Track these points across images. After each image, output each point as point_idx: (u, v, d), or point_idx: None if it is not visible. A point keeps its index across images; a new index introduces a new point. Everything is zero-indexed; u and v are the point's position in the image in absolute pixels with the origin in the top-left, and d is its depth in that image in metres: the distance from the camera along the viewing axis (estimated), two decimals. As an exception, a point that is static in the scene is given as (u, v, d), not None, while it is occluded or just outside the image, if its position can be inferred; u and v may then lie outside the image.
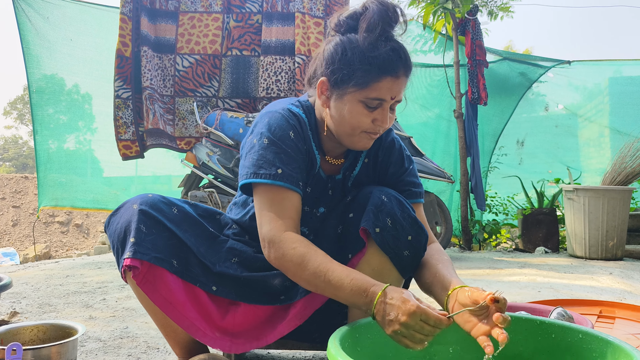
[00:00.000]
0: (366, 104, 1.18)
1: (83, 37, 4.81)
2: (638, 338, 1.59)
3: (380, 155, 1.36)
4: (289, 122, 1.24)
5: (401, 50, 1.18)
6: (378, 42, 1.17)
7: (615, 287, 2.89)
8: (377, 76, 1.15)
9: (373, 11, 1.17)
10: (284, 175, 1.18)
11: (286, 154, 1.20)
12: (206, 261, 1.25)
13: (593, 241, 4.10)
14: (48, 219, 10.41)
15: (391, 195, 1.21)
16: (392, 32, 1.19)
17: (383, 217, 1.17)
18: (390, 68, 1.15)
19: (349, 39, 1.19)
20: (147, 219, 1.20)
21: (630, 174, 4.24)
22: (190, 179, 4.08)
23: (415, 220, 1.20)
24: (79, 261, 4.12)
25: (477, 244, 5.15)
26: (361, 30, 1.18)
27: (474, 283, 2.95)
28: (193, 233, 1.26)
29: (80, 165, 5.16)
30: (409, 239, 1.18)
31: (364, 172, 1.36)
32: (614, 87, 5.92)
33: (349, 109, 1.19)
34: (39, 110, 4.87)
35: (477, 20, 4.90)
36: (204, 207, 1.36)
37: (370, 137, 1.23)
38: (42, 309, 2.33)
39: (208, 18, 4.15)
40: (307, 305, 1.27)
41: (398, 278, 1.22)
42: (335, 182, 1.35)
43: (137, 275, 1.16)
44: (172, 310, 1.19)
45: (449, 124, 5.58)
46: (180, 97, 4.13)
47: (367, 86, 1.16)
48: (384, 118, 1.19)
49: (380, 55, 1.15)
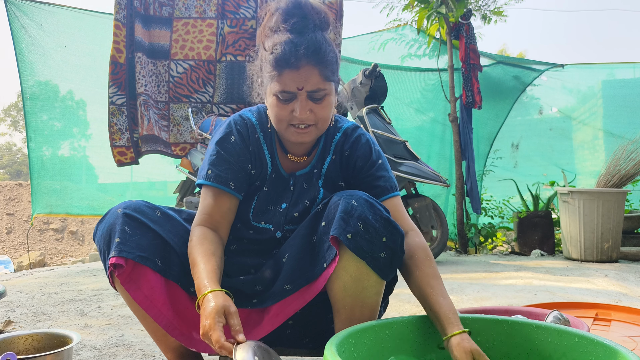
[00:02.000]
0: (278, 97, 1.24)
1: (77, 44, 4.80)
2: (634, 340, 1.59)
3: (346, 149, 1.38)
4: (234, 127, 1.35)
5: (300, 42, 1.21)
6: (278, 37, 1.23)
7: (611, 289, 2.89)
8: (279, 70, 1.22)
9: (273, 10, 1.28)
10: (211, 175, 1.30)
11: (219, 156, 1.32)
12: (185, 262, 1.27)
13: (588, 243, 4.11)
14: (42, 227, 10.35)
15: (361, 198, 1.19)
16: (295, 27, 1.23)
17: (354, 222, 1.15)
18: (287, 61, 1.20)
19: (264, 42, 1.29)
20: (131, 221, 1.24)
21: (624, 176, 4.26)
22: (186, 185, 4.07)
23: (388, 220, 1.18)
24: (74, 269, 4.09)
25: (473, 247, 5.16)
26: (269, 27, 1.27)
27: (471, 287, 2.95)
28: (176, 234, 1.30)
29: (75, 172, 5.14)
30: (383, 241, 1.16)
31: (332, 168, 1.39)
32: (607, 90, 5.96)
33: (270, 104, 1.28)
34: (33, 117, 4.85)
35: (470, 25, 4.93)
36: (187, 212, 1.41)
37: (298, 130, 1.27)
38: (36, 317, 2.31)
39: (202, 24, 4.15)
40: (280, 312, 1.27)
41: (378, 281, 1.21)
42: (296, 178, 1.38)
43: (122, 274, 1.19)
44: (152, 308, 1.22)
45: (443, 128, 5.59)
46: (174, 103, 4.12)
47: (273, 80, 1.24)
48: (298, 109, 1.23)
49: (277, 50, 1.21)
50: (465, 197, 4.99)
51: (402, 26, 5.61)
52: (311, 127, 1.27)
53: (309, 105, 1.24)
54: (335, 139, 1.39)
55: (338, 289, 1.20)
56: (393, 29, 5.61)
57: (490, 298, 2.63)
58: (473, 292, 2.78)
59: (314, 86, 1.23)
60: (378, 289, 1.23)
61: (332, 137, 1.39)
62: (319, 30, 1.26)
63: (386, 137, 3.87)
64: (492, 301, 2.55)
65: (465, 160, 4.95)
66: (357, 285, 1.19)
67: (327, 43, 1.26)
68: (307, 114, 1.24)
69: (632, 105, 5.75)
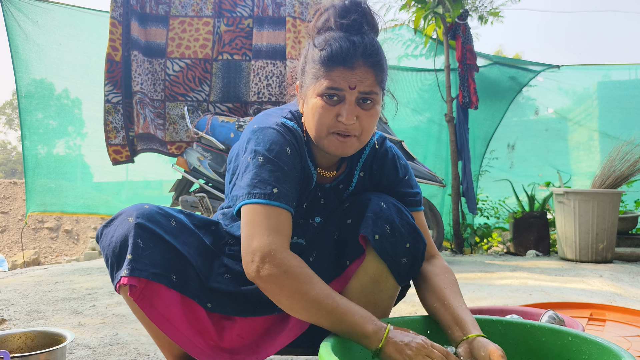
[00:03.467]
0: (324, 96, 1.12)
1: (73, 42, 4.78)
2: (628, 340, 1.60)
3: (374, 167, 1.32)
4: (285, 137, 1.17)
5: (359, 41, 1.11)
6: (331, 34, 1.13)
7: (606, 289, 2.90)
8: (330, 66, 1.10)
9: (326, 7, 1.17)
10: (280, 194, 1.11)
11: (283, 172, 1.13)
12: (201, 275, 1.21)
13: (583, 244, 4.13)
14: (37, 225, 10.30)
15: (390, 202, 1.20)
16: (351, 25, 1.13)
17: (382, 224, 1.16)
18: (342, 58, 1.10)
19: (314, 39, 1.18)
20: (144, 232, 1.14)
21: (619, 177, 4.28)
22: (181, 184, 4.06)
23: (413, 227, 1.19)
24: (69, 267, 4.08)
25: (468, 247, 5.17)
26: (317, 27, 1.18)
27: (466, 287, 2.95)
28: (191, 245, 1.22)
29: (70, 171, 5.11)
30: (407, 247, 1.17)
31: (360, 184, 1.32)
32: (602, 91, 5.98)
33: (311, 106, 1.15)
34: (28, 115, 4.83)
35: (467, 25, 4.93)
36: (199, 218, 1.32)
37: (340, 139, 1.14)
38: (30, 316, 2.30)
39: (199, 22, 4.14)
40: None
41: (394, 285, 1.21)
42: (325, 190, 1.30)
43: (134, 292, 1.12)
44: (169, 327, 1.16)
45: (440, 128, 5.60)
46: (170, 101, 4.11)
47: (321, 77, 1.12)
48: (345, 113, 1.11)
49: (332, 46, 1.11)
50: (461, 198, 5.00)
51: (398, 26, 5.62)
52: (352, 138, 1.15)
53: (357, 111, 1.12)
54: (364, 154, 1.31)
55: (355, 287, 1.20)
56: (390, 28, 5.61)
57: (485, 298, 2.63)
58: (469, 292, 2.78)
59: (367, 87, 1.11)
60: (393, 292, 1.23)
61: (360, 152, 1.31)
62: (373, 33, 1.17)
63: (382, 136, 3.87)
64: (488, 301, 2.56)
65: (461, 161, 4.95)
66: (374, 287, 1.19)
67: (382, 49, 1.16)
68: (353, 119, 1.12)
69: (627, 106, 5.78)
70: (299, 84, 1.21)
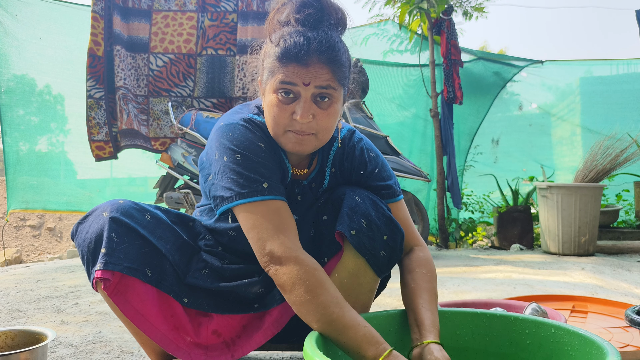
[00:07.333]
0: (279, 93, 1.09)
1: (53, 36, 4.70)
2: (610, 332, 1.62)
3: (345, 163, 1.30)
4: (255, 133, 1.15)
5: (314, 37, 1.08)
6: (287, 29, 1.11)
7: (588, 282, 2.94)
8: (285, 63, 1.08)
9: (285, 1, 1.14)
10: (271, 188, 1.10)
11: (264, 166, 1.11)
12: (178, 270, 1.20)
13: (566, 237, 4.18)
14: (19, 223, 10.14)
15: (364, 195, 1.19)
16: (307, 19, 1.11)
17: (358, 218, 1.15)
18: (295, 54, 1.06)
19: (271, 34, 1.15)
20: (119, 227, 1.13)
21: (601, 171, 4.34)
22: (166, 180, 4.02)
23: (390, 219, 1.19)
24: (51, 265, 4.02)
25: (453, 242, 5.21)
26: (278, 21, 1.14)
27: (451, 281, 2.97)
28: (168, 240, 1.21)
29: (52, 167, 5.03)
30: (384, 239, 1.17)
31: (333, 180, 1.31)
32: (585, 86, 6.05)
33: (268, 103, 1.12)
34: (9, 112, 4.73)
35: (452, 20, 4.95)
36: (176, 213, 1.31)
37: (297, 137, 1.11)
38: (11, 314, 2.26)
39: (182, 17, 4.10)
40: (284, 312, 1.25)
41: (374, 278, 1.21)
42: (301, 187, 1.29)
43: (109, 287, 1.11)
44: (143, 322, 1.15)
45: (425, 123, 5.62)
46: (154, 97, 4.07)
47: (277, 73, 1.09)
48: (301, 111, 1.07)
49: (286, 42, 1.08)
50: (446, 192, 5.03)
51: (384, 21, 5.61)
52: (310, 137, 1.12)
53: (313, 109, 1.09)
54: (333, 150, 1.29)
55: (334, 284, 1.20)
56: (375, 24, 5.61)
57: (470, 291, 2.65)
58: (453, 286, 2.80)
59: (323, 82, 1.08)
60: (372, 286, 1.23)
61: (328, 148, 1.29)
62: (335, 29, 1.15)
63: (368, 132, 3.87)
64: (472, 294, 2.58)
65: (446, 156, 4.98)
66: (353, 282, 1.19)
67: (342, 43, 1.14)
68: (309, 118, 1.09)
69: (609, 101, 5.85)
70: (259, 79, 1.19)
